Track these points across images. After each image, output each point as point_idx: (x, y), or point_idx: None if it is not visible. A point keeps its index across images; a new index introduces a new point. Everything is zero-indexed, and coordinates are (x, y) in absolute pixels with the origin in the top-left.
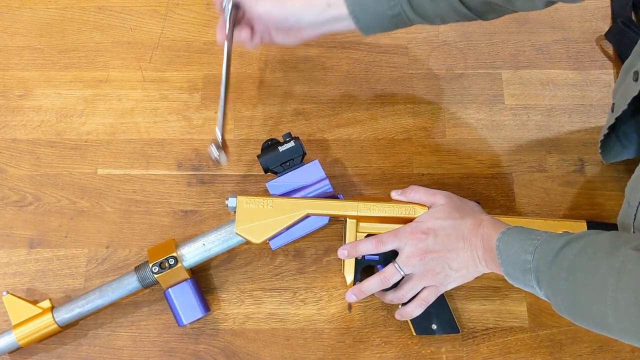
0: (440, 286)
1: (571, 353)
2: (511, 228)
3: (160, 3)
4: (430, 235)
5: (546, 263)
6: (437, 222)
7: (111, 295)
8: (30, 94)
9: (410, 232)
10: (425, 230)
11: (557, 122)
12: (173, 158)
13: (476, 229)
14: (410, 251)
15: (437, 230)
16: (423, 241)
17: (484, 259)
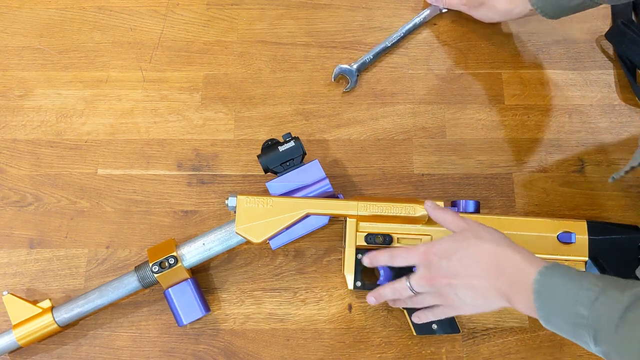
0: (454, 310)
1: (571, 353)
2: (552, 267)
3: (160, 3)
4: (443, 260)
5: (611, 324)
6: (451, 246)
7: (111, 295)
8: (30, 94)
9: (422, 252)
10: (438, 253)
11: (557, 122)
12: (173, 158)
13: (497, 259)
14: (421, 273)
15: (449, 254)
16: (434, 264)
17: (506, 296)
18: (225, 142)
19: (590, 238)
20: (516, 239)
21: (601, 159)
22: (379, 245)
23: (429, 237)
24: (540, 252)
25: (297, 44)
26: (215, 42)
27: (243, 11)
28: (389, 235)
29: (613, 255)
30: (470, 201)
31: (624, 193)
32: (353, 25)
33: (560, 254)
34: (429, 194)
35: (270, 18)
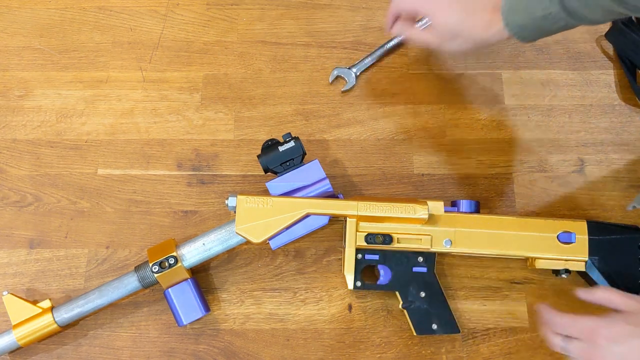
0: None
1: None
2: None
3: (160, 3)
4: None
5: None
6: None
7: (111, 295)
8: (31, 94)
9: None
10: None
11: (557, 122)
12: (173, 158)
13: None
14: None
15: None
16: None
17: None
18: (225, 142)
19: (590, 238)
20: (516, 239)
21: (601, 159)
22: (379, 245)
23: (429, 237)
24: (540, 252)
25: (297, 44)
26: (215, 42)
27: (243, 11)
28: (389, 235)
29: (613, 255)
30: (470, 201)
31: (624, 193)
32: (353, 25)
33: (560, 254)
34: (429, 194)
35: (270, 18)
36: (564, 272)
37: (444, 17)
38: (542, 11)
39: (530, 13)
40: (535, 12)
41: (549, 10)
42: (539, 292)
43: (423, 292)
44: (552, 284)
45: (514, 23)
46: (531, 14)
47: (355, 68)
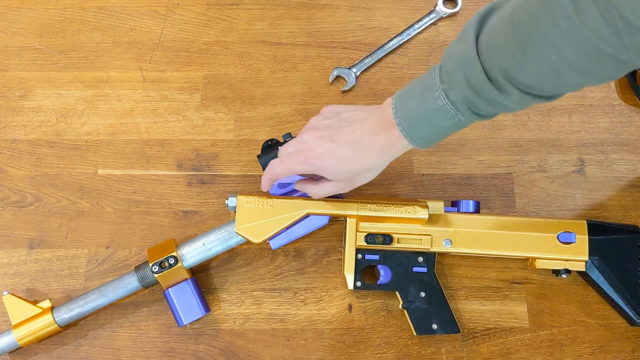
0: None
1: (571, 353)
2: None
3: (160, 3)
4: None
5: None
6: None
7: (111, 295)
8: (30, 94)
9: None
10: None
11: (557, 122)
12: (173, 158)
13: None
14: None
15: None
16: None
17: None
18: (225, 142)
19: (590, 238)
20: (516, 239)
21: (601, 159)
22: (379, 246)
23: (429, 237)
24: (541, 252)
25: (297, 44)
26: (215, 42)
27: (243, 11)
28: (389, 235)
29: (613, 255)
30: (470, 201)
31: (624, 193)
32: (353, 25)
33: (560, 253)
34: (429, 194)
35: (270, 18)
36: (564, 272)
37: (339, 170)
38: (449, 120)
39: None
40: (442, 123)
41: (456, 118)
42: (539, 292)
43: (423, 292)
44: (552, 284)
45: (418, 136)
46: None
47: (355, 68)
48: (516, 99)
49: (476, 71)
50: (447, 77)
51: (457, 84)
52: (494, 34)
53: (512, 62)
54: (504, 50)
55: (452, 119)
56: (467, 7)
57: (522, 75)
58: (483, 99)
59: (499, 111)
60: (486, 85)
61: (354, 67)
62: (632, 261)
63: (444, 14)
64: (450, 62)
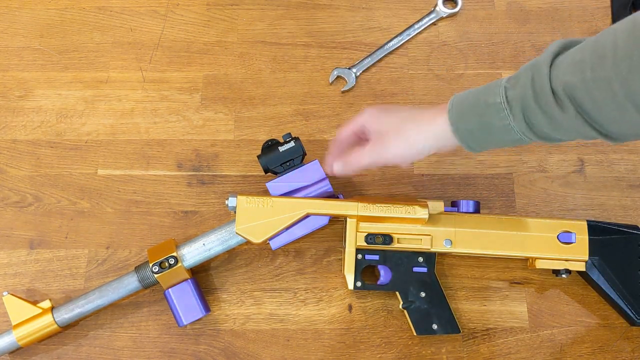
0: None
1: (571, 353)
2: None
3: (160, 4)
4: None
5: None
6: None
7: (111, 296)
8: (31, 94)
9: None
10: None
11: None
12: (173, 158)
13: None
14: None
15: None
16: None
17: None
18: (225, 143)
19: (590, 238)
20: (516, 239)
21: (601, 159)
22: (379, 246)
23: (429, 237)
24: (541, 252)
25: (297, 44)
26: (215, 43)
27: (243, 11)
28: (389, 235)
29: (613, 255)
30: (470, 201)
31: (624, 193)
32: (353, 25)
33: (561, 254)
34: (429, 194)
35: (270, 18)
36: (564, 272)
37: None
38: (500, 121)
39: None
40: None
41: (515, 136)
42: (539, 292)
43: (423, 292)
44: (552, 284)
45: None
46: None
47: (355, 68)
48: (570, 117)
49: (543, 74)
50: (514, 78)
51: (521, 83)
52: (573, 51)
53: (577, 79)
54: (575, 66)
55: (503, 119)
56: (467, 7)
57: (583, 95)
58: (539, 105)
59: (551, 131)
60: (546, 92)
61: (354, 67)
62: (632, 261)
63: (444, 14)
64: (524, 68)
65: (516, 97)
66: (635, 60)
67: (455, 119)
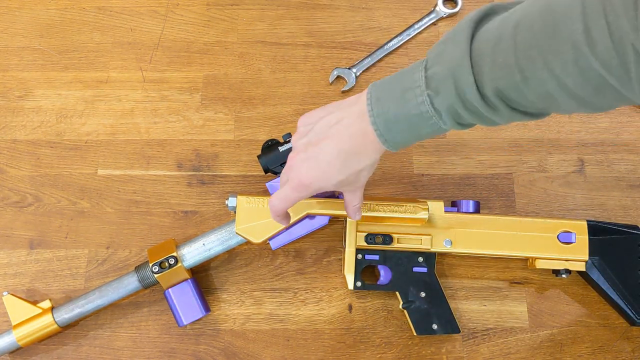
0: None
1: (571, 353)
2: None
3: (160, 4)
4: None
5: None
6: None
7: (111, 295)
8: (30, 94)
9: None
10: None
11: (557, 122)
12: (173, 159)
13: None
14: None
15: None
16: None
17: None
18: (225, 143)
19: (590, 238)
20: (516, 239)
21: (601, 159)
22: (379, 246)
23: (429, 237)
24: (541, 252)
25: (297, 44)
26: (215, 43)
27: (243, 11)
28: (389, 235)
29: (613, 255)
30: (470, 201)
31: (624, 193)
32: (353, 25)
33: (561, 254)
34: (429, 194)
35: (270, 18)
36: (564, 272)
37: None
38: (429, 127)
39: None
40: (421, 130)
41: (437, 126)
42: (539, 292)
43: (423, 292)
44: (552, 284)
45: (394, 140)
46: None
47: (355, 68)
48: (504, 115)
49: (468, 83)
50: (434, 83)
51: (446, 92)
52: (492, 50)
53: (509, 83)
54: (502, 71)
55: (432, 126)
56: (467, 7)
57: (516, 95)
58: (470, 111)
59: (483, 124)
60: (476, 100)
61: (354, 67)
62: (632, 261)
63: (444, 14)
64: (440, 67)
65: (444, 107)
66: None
67: (384, 134)
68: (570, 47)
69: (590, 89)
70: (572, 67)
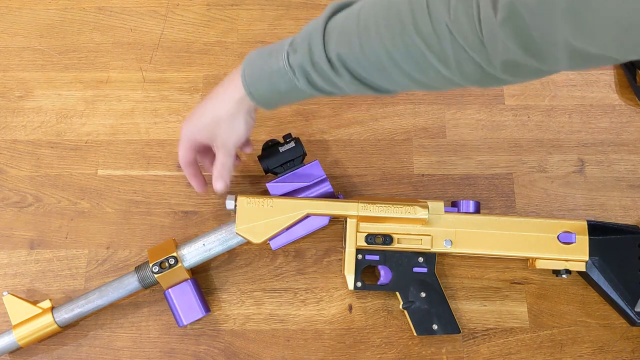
0: None
1: (572, 353)
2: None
3: (160, 4)
4: None
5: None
6: None
7: (111, 296)
8: (31, 94)
9: None
10: None
11: (557, 122)
12: (173, 159)
13: None
14: None
15: None
16: None
17: None
18: None
19: (590, 238)
20: (516, 239)
21: (601, 159)
22: (379, 246)
23: (429, 237)
24: (541, 252)
25: None
26: (215, 43)
27: (243, 12)
28: (389, 235)
29: (613, 255)
30: (470, 201)
31: (624, 193)
32: None
33: (561, 254)
34: (429, 195)
35: (270, 18)
36: (564, 272)
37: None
38: (286, 84)
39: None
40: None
41: (304, 94)
42: (539, 293)
43: (423, 292)
44: (552, 284)
45: (257, 91)
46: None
47: None
48: (347, 82)
49: (317, 45)
50: (294, 45)
51: (300, 52)
52: (341, 24)
53: (348, 50)
54: (345, 38)
55: (288, 82)
56: None
57: (355, 64)
58: (318, 73)
59: (334, 90)
60: (323, 62)
61: None
62: (632, 261)
63: None
64: (301, 35)
65: (297, 64)
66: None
67: (248, 85)
68: (398, 22)
69: (413, 64)
70: (399, 41)
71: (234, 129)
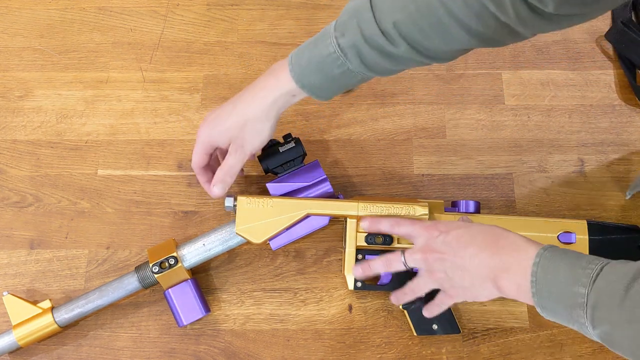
0: (447, 296)
1: (572, 353)
2: (551, 249)
3: (160, 4)
4: (442, 234)
5: (613, 299)
6: (455, 224)
7: (111, 296)
8: (31, 94)
9: (426, 227)
10: (440, 228)
11: (557, 122)
12: (173, 159)
13: (496, 238)
14: (418, 245)
15: (449, 231)
16: (433, 239)
17: (496, 280)
18: None
19: (590, 238)
20: None
21: (601, 159)
22: (379, 246)
23: None
24: None
25: (297, 44)
26: (215, 43)
27: (243, 12)
28: (389, 235)
29: (613, 255)
30: (470, 201)
31: (624, 193)
32: None
33: None
34: (429, 194)
35: (270, 18)
36: None
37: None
38: (338, 68)
39: (327, 73)
40: (331, 71)
41: (357, 77)
42: None
43: None
44: None
45: (309, 82)
46: (327, 73)
47: None
48: (403, 51)
49: (368, 19)
50: (341, 26)
51: (349, 32)
52: None
53: (404, 16)
54: (398, 4)
55: (341, 66)
56: None
57: (412, 28)
58: (372, 47)
59: (388, 65)
60: (377, 35)
61: None
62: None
63: None
64: (345, 15)
65: (348, 45)
66: None
67: (298, 77)
68: None
69: (473, 16)
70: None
71: (260, 131)
